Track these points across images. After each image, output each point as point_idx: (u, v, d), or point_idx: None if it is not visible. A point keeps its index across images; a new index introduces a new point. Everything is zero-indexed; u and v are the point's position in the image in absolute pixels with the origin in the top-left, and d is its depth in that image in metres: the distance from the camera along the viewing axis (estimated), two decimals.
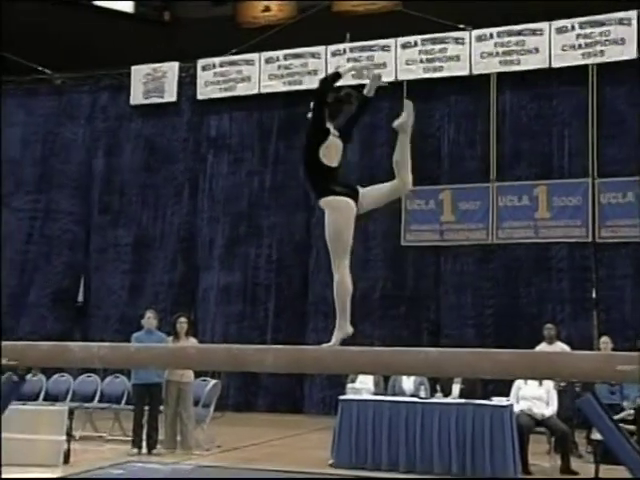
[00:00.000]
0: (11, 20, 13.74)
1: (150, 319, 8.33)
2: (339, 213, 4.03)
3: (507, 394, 7.64)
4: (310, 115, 4.11)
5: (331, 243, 4.10)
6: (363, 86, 4.39)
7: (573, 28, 11.69)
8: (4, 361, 4.29)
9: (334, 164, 4.13)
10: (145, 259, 13.59)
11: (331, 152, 4.11)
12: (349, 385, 8.39)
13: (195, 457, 7.89)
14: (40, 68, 13.98)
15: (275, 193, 13.16)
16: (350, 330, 4.16)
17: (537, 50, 11.79)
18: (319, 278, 12.65)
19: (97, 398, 9.65)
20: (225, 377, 11.55)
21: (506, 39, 11.97)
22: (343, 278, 4.18)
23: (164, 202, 13.67)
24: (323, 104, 4.07)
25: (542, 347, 8.22)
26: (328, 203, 4.04)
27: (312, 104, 4.10)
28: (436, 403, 7.33)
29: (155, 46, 14.21)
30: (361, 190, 4.21)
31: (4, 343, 4.42)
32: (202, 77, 13.55)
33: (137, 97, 13.79)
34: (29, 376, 4.57)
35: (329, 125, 4.13)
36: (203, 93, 13.52)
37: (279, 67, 13.12)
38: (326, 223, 4.07)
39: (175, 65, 13.71)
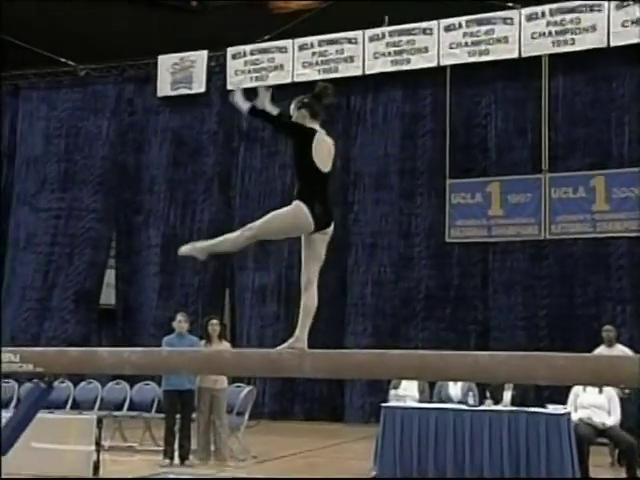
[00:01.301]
0: (31, 10, 13.99)
1: (181, 322, 8.41)
2: (294, 220, 4.09)
3: (563, 401, 7.54)
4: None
5: (265, 223, 4.12)
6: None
7: (635, 0, 11.41)
8: (30, 367, 4.38)
9: (327, 168, 4.20)
10: (174, 259, 13.71)
11: (323, 151, 4.18)
12: (392, 392, 8.36)
13: (230, 468, 7.95)
14: (63, 59, 14.19)
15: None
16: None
17: (594, 28, 11.53)
18: (358, 278, 12.65)
19: (126, 406, 9.78)
20: (260, 383, 11.63)
21: (559, 17, 11.74)
22: (241, 239, 4.17)
23: (193, 198, 13.79)
24: (287, 124, 4.18)
25: (601, 350, 8.09)
26: (297, 207, 4.08)
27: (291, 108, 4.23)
28: (486, 411, 7.26)
29: (182, 34, 14.33)
30: (331, 228, 4.24)
31: (31, 349, 4.52)
32: (232, 66, 13.63)
33: (164, 88, 13.93)
34: (56, 383, 4.66)
35: (313, 124, 4.20)
36: (233, 83, 13.57)
37: (313, 54, 13.13)
38: (278, 211, 4.13)
39: (204, 54, 13.81)
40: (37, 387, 4.52)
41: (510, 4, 12.13)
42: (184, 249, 4.24)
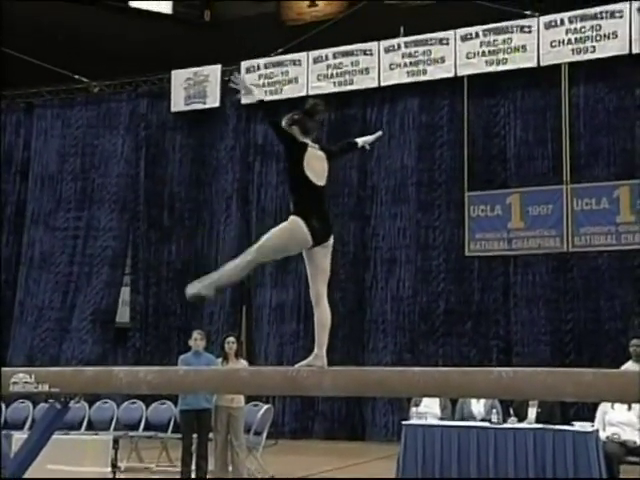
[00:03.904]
0: (44, 26, 14.17)
1: (197, 340, 8.41)
2: (291, 236, 4.20)
3: (590, 418, 7.45)
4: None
5: (262, 244, 4.21)
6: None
7: None
8: (46, 388, 4.40)
9: (321, 182, 4.34)
10: (193, 276, 13.73)
11: (315, 165, 4.32)
12: (413, 409, 8.31)
13: None
14: (77, 76, 14.34)
15: (327, 202, 13.13)
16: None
17: (615, 35, 11.45)
18: (377, 293, 12.61)
19: (142, 426, 9.79)
20: (279, 402, 11.59)
21: (579, 24, 11.68)
22: (243, 265, 4.22)
23: (212, 215, 13.81)
24: (283, 131, 4.30)
25: (628, 366, 7.98)
26: (293, 222, 4.19)
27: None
28: (510, 428, 7.19)
29: (196, 48, 14.45)
30: (331, 240, 4.40)
31: (47, 369, 4.53)
32: (246, 80, 13.65)
33: (178, 103, 14.01)
34: (71, 403, 4.68)
35: (305, 139, 4.33)
36: (248, 97, 13.62)
37: (328, 66, 13.17)
38: (275, 229, 4.21)
39: (217, 68, 13.88)
40: (52, 408, 4.54)
41: (528, 12, 12.12)
42: (190, 291, 4.23)
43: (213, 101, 13.84)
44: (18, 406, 10.42)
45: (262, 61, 13.62)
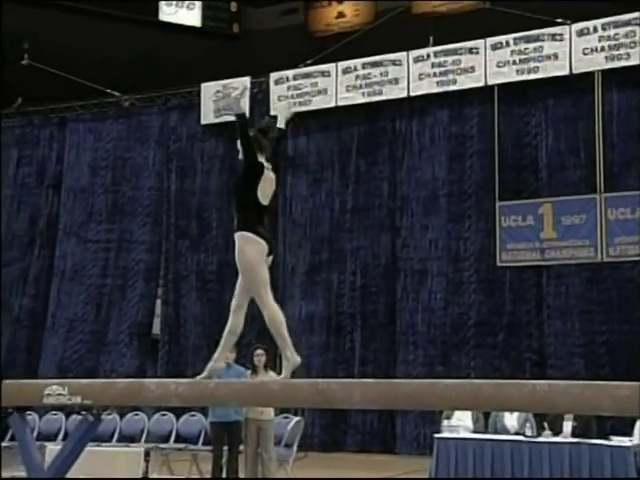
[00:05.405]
0: (76, 42, 14.39)
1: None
2: (252, 247, 4.35)
3: (628, 433, 7.31)
4: (240, 154, 4.53)
5: (247, 279, 4.48)
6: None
7: None
8: (79, 400, 4.44)
9: (266, 202, 4.50)
10: (227, 288, 13.78)
11: (266, 187, 4.48)
12: (444, 422, 8.24)
13: None
14: (108, 90, 14.54)
15: (358, 214, 13.16)
16: (298, 360, 4.46)
17: None
18: (408, 305, 12.56)
19: (173, 438, 9.82)
20: (310, 414, 11.56)
21: (612, 32, 11.54)
22: (272, 313, 4.59)
23: None
24: (250, 139, 4.47)
25: None
26: (245, 237, 4.36)
27: (238, 143, 4.52)
28: (545, 442, 7.10)
29: (225, 61, 14.56)
30: (270, 258, 4.56)
31: (79, 381, 4.57)
32: (275, 92, 13.74)
33: (208, 116, 14.11)
34: (103, 415, 4.72)
35: (260, 158, 4.50)
36: (277, 109, 13.70)
37: (357, 77, 13.17)
38: (237, 258, 4.42)
39: (246, 80, 13.95)
40: (85, 420, 4.57)
41: (559, 20, 12.02)
42: (205, 375, 4.47)
43: None
44: (51, 417, 10.52)
45: (291, 73, 13.67)
